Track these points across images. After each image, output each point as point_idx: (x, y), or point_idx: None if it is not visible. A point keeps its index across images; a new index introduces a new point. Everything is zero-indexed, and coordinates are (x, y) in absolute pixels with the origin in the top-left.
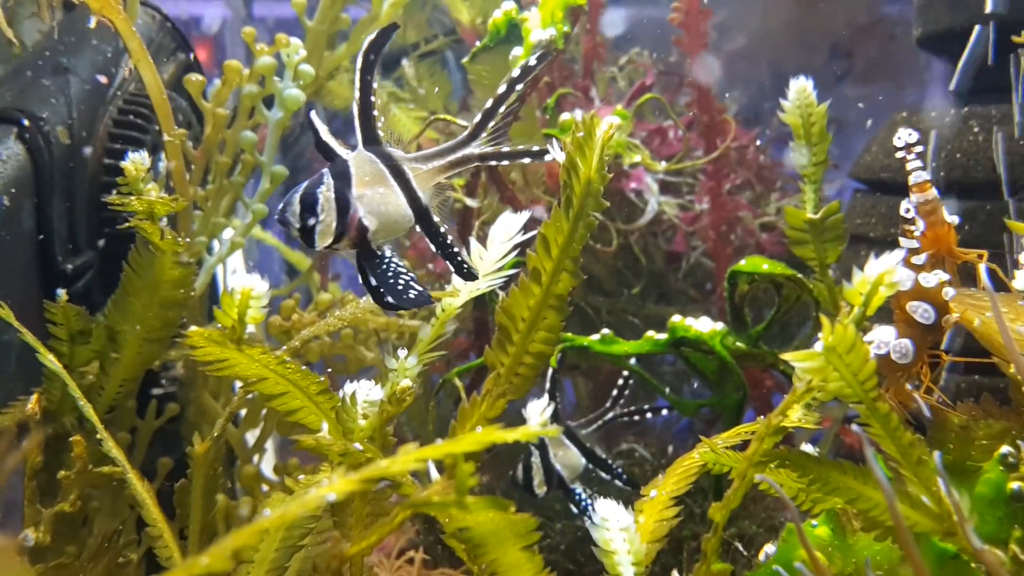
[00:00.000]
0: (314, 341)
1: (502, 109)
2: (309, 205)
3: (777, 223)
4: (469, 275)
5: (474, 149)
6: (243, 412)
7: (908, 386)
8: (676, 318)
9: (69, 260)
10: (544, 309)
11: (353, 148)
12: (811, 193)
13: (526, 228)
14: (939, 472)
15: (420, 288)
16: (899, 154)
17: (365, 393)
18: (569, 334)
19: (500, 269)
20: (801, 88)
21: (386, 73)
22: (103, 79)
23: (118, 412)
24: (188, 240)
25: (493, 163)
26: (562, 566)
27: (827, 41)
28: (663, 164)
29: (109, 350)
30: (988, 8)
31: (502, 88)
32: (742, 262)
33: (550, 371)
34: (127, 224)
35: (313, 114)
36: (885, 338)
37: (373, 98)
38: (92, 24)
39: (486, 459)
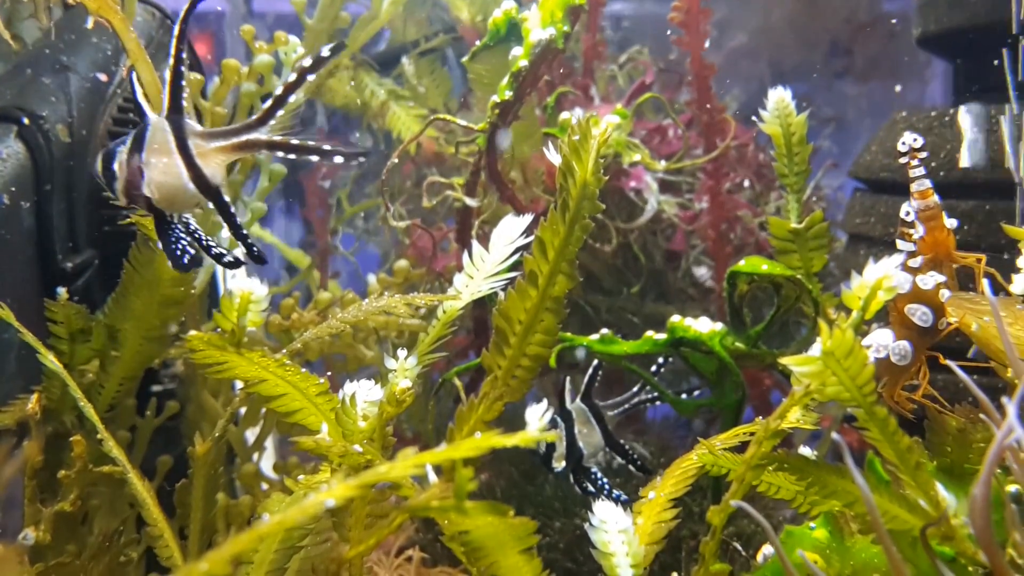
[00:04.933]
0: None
1: (292, 98)
2: (107, 159)
3: None
4: (258, 258)
5: (262, 135)
6: (243, 410)
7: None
8: (675, 318)
9: (69, 258)
10: (541, 312)
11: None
12: (794, 202)
13: (528, 231)
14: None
15: (193, 252)
16: (902, 159)
17: (365, 394)
18: (568, 334)
19: (499, 272)
20: (779, 98)
21: (386, 71)
22: (103, 77)
23: (118, 410)
24: None
25: (280, 154)
26: (561, 564)
27: (827, 38)
28: (663, 163)
29: (109, 348)
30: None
31: (292, 76)
32: (741, 262)
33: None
34: (127, 220)
35: (134, 74)
36: (883, 341)
37: (184, 68)
38: (90, 24)
39: (486, 458)
